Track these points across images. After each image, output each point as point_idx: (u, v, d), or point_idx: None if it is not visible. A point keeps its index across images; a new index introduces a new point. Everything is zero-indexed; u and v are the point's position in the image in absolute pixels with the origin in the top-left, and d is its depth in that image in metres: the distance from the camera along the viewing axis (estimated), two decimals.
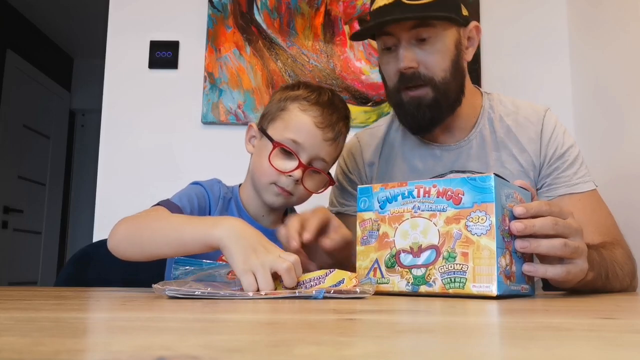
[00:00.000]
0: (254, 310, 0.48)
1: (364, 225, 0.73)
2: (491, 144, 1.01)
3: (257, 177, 0.93)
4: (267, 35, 1.78)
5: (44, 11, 3.63)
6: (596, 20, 1.64)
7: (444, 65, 0.94)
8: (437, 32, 0.92)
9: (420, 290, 0.66)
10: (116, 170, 1.74)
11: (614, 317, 0.46)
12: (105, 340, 0.30)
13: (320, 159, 0.91)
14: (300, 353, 0.25)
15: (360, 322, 0.38)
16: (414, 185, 0.69)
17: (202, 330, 0.34)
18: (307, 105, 0.91)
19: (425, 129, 0.99)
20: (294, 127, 0.90)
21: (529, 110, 1.02)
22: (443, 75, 0.94)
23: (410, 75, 0.93)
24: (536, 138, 0.99)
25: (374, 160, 1.09)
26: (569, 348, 0.28)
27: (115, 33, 1.81)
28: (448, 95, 0.95)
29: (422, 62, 0.93)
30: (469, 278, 0.63)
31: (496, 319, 0.46)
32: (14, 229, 3.48)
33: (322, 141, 0.90)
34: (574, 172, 0.97)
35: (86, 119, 4.47)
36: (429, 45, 0.92)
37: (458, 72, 0.96)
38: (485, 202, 0.63)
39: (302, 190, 0.92)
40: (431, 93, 0.94)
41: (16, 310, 0.46)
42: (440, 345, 0.29)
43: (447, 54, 0.94)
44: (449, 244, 0.65)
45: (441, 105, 0.95)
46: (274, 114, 0.93)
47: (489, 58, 1.77)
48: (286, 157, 0.90)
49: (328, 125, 0.91)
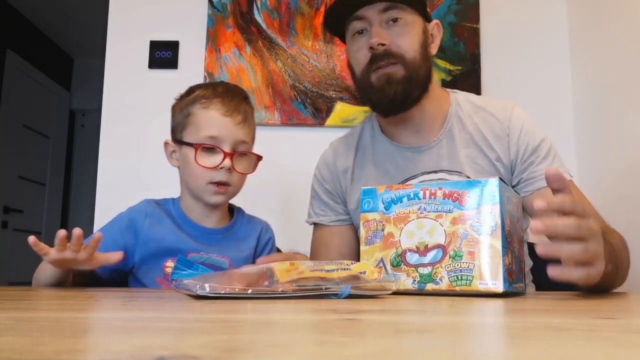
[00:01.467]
0: (254, 310, 0.48)
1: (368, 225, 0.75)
2: (460, 141, 1.01)
3: (192, 183, 0.98)
4: (267, 35, 1.78)
5: (44, 11, 3.63)
6: (596, 20, 1.64)
7: (414, 46, 0.97)
8: (407, 15, 0.97)
9: (426, 288, 0.68)
10: (116, 170, 1.74)
11: (614, 317, 0.46)
12: (105, 340, 0.30)
13: (240, 142, 0.97)
14: (301, 353, 0.25)
15: (360, 322, 0.38)
16: (420, 187, 0.72)
17: (202, 330, 0.34)
18: (206, 102, 0.96)
19: (397, 107, 0.99)
20: (204, 125, 0.95)
21: (496, 107, 1.03)
22: (413, 54, 0.97)
23: (381, 53, 0.95)
24: (503, 135, 0.99)
25: (347, 166, 1.09)
26: (569, 348, 0.28)
27: (115, 33, 1.81)
28: (418, 74, 0.97)
29: (393, 41, 0.96)
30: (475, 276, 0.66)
31: (496, 318, 0.46)
32: (14, 229, 3.48)
33: (234, 126, 0.95)
34: (548, 165, 0.98)
35: (86, 119, 4.47)
36: (399, 26, 0.97)
37: (426, 58, 1.00)
38: (491, 204, 0.67)
39: (237, 176, 0.97)
40: (402, 71, 0.96)
41: (16, 310, 0.46)
42: (440, 345, 0.29)
43: (416, 37, 0.98)
44: (456, 243, 0.67)
45: (411, 82, 0.97)
46: (182, 122, 0.98)
47: (489, 58, 1.77)
48: (211, 154, 0.95)
49: (234, 110, 0.96)
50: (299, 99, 1.74)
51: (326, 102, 1.74)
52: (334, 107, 1.73)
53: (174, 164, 1.02)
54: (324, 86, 1.75)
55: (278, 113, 1.74)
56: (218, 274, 0.67)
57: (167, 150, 1.02)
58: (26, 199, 3.62)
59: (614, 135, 1.52)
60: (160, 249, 0.95)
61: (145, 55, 1.79)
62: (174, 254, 0.94)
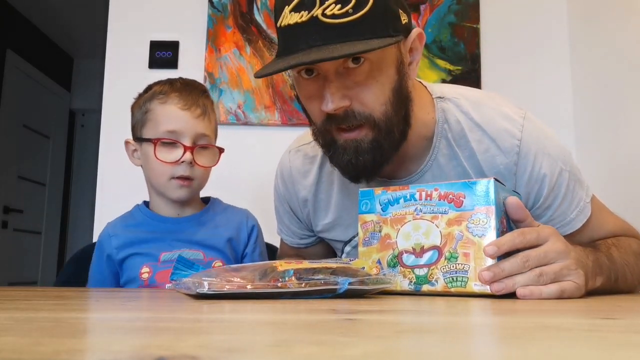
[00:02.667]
0: (254, 310, 0.48)
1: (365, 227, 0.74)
2: (449, 171, 0.83)
3: (155, 180, 0.97)
4: (267, 35, 1.78)
5: (44, 11, 3.63)
6: (596, 20, 1.64)
7: (384, 98, 0.73)
8: (372, 57, 0.71)
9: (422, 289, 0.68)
10: (116, 170, 1.74)
11: (614, 317, 0.46)
12: (105, 340, 0.30)
13: (201, 135, 0.95)
14: (300, 353, 0.25)
15: (360, 322, 0.38)
16: (416, 188, 0.71)
17: (202, 330, 0.34)
18: (164, 97, 0.96)
19: (367, 176, 0.79)
20: (163, 120, 0.94)
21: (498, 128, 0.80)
22: (383, 109, 0.74)
23: (342, 115, 0.73)
24: (509, 174, 0.80)
25: (307, 197, 0.93)
26: (569, 348, 0.28)
27: (115, 33, 1.82)
28: (391, 132, 0.75)
29: (355, 98, 0.72)
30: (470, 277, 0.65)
31: (496, 318, 0.46)
32: (14, 229, 3.48)
33: (194, 120, 0.94)
34: (567, 206, 0.82)
35: (86, 119, 4.47)
36: (361, 75, 0.72)
37: (402, 101, 0.76)
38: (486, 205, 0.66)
39: (200, 170, 0.96)
40: (370, 133, 0.74)
41: (16, 310, 0.46)
42: (440, 345, 0.29)
43: (386, 83, 0.73)
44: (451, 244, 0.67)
45: (383, 147, 0.75)
46: (142, 119, 0.97)
47: (489, 58, 1.77)
48: (171, 149, 0.94)
49: (192, 104, 0.95)
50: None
51: None
52: None
53: (137, 163, 1.01)
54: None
55: (278, 113, 1.74)
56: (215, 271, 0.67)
57: (129, 149, 1.01)
58: (26, 199, 3.62)
59: (614, 134, 1.52)
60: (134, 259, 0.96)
61: (145, 55, 1.79)
62: (146, 260, 0.95)
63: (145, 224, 1.00)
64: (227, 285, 0.58)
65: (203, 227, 1.00)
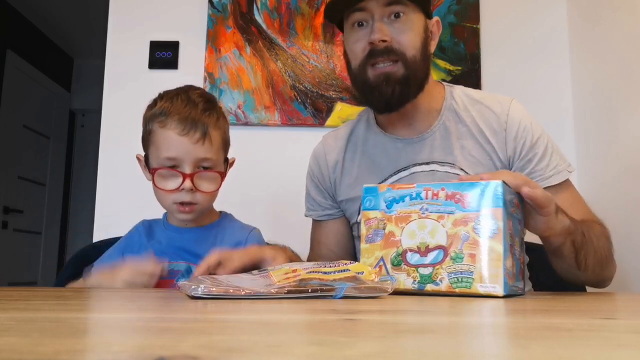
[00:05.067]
0: (254, 310, 0.48)
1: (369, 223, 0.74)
2: (455, 134, 1.01)
3: (160, 202, 0.97)
4: (267, 35, 1.78)
5: (44, 11, 3.63)
6: (596, 20, 1.64)
7: (416, 44, 0.96)
8: (409, 12, 0.95)
9: (426, 288, 0.68)
10: (116, 170, 1.74)
11: (614, 317, 0.46)
12: (105, 340, 0.30)
13: (201, 159, 0.92)
14: (300, 353, 0.25)
15: (360, 322, 0.38)
16: (422, 187, 0.71)
17: (202, 330, 0.34)
18: (164, 119, 0.92)
19: (394, 106, 0.98)
20: (162, 146, 0.92)
21: (493, 101, 1.02)
22: (414, 53, 0.95)
23: (381, 49, 0.94)
24: (500, 130, 0.99)
25: (338, 159, 1.10)
26: (569, 348, 0.28)
27: (115, 33, 1.81)
28: (417, 74, 0.96)
29: (394, 38, 0.94)
30: (475, 278, 0.65)
31: (496, 319, 0.46)
32: (14, 229, 3.48)
33: (192, 146, 0.90)
34: (546, 165, 0.97)
35: (86, 119, 4.47)
36: (401, 22, 0.95)
37: (426, 56, 0.98)
38: (494, 207, 0.66)
39: (202, 195, 0.93)
40: (402, 69, 0.95)
41: (16, 311, 0.46)
42: (440, 345, 0.29)
43: (418, 34, 0.96)
44: (457, 245, 0.67)
45: (410, 83, 0.96)
46: (146, 139, 0.97)
47: (489, 58, 1.77)
48: (171, 176, 0.92)
49: (191, 127, 0.90)
50: (299, 99, 1.74)
51: (326, 103, 1.74)
52: (334, 108, 1.73)
53: (148, 177, 0.99)
54: (324, 86, 1.75)
55: (278, 113, 1.74)
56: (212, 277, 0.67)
57: (141, 164, 1.01)
58: (26, 199, 3.62)
59: (614, 135, 1.52)
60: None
61: (146, 56, 1.79)
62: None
63: (159, 231, 1.02)
64: (221, 288, 0.58)
65: (207, 241, 0.99)
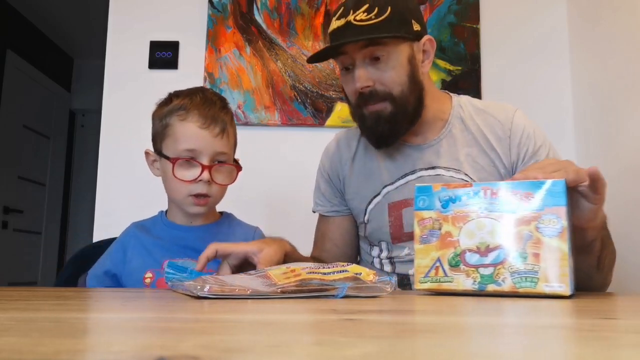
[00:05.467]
0: (254, 310, 0.48)
1: (423, 224, 0.73)
2: (461, 141, 1.05)
3: (172, 195, 0.98)
4: (267, 35, 1.78)
5: (44, 11, 3.63)
6: (596, 20, 1.64)
7: (400, 80, 0.98)
8: (389, 49, 0.96)
9: (487, 289, 0.67)
10: (116, 170, 1.74)
11: (614, 317, 0.46)
12: (105, 340, 0.30)
13: (219, 153, 0.96)
14: (300, 353, 0.25)
15: (360, 322, 0.38)
16: (480, 186, 0.70)
17: (202, 330, 0.34)
18: (184, 113, 0.95)
19: (386, 142, 1.03)
20: (182, 138, 0.94)
21: (499, 110, 1.06)
22: (400, 89, 0.98)
23: (368, 94, 0.98)
24: (504, 137, 1.02)
25: (348, 157, 1.13)
26: (569, 348, 0.28)
27: (115, 33, 1.81)
28: (406, 108, 0.99)
29: (377, 80, 0.97)
30: (540, 278, 0.64)
31: (495, 319, 0.46)
32: (14, 229, 3.48)
33: (212, 139, 0.94)
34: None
35: (86, 119, 4.47)
36: (382, 63, 0.97)
37: (415, 86, 1.00)
38: (557, 206, 0.65)
39: (217, 187, 0.96)
40: (389, 107, 0.98)
41: (16, 311, 0.46)
42: (440, 345, 0.29)
43: (401, 70, 0.98)
44: (520, 244, 0.66)
45: (399, 119, 0.99)
46: (162, 133, 0.98)
47: (489, 58, 1.77)
48: (189, 167, 0.94)
49: (211, 122, 0.94)
50: (299, 99, 1.74)
51: (326, 103, 1.74)
52: (334, 108, 1.73)
53: (156, 173, 1.01)
54: (324, 86, 1.75)
55: (278, 113, 1.74)
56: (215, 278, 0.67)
57: (149, 159, 1.02)
58: (26, 199, 3.62)
59: (614, 135, 1.52)
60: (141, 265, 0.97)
61: (146, 56, 1.79)
62: (151, 265, 0.96)
63: (158, 229, 1.02)
64: (226, 288, 0.58)
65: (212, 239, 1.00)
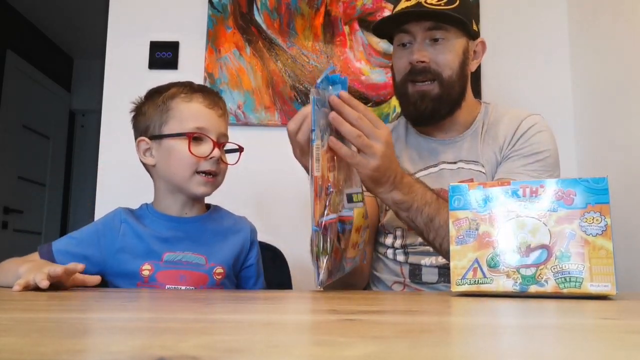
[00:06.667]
0: (254, 311, 0.48)
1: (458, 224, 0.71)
2: (482, 140, 1.11)
3: (177, 175, 0.96)
4: (267, 35, 1.78)
5: (44, 11, 3.62)
6: (596, 21, 1.64)
7: (452, 65, 1.05)
8: (450, 35, 1.04)
9: (529, 290, 0.65)
10: (116, 170, 1.74)
11: (614, 317, 0.46)
12: (105, 340, 0.30)
13: (223, 134, 0.98)
14: (300, 353, 0.25)
15: (360, 323, 0.38)
16: (519, 184, 0.69)
17: (202, 330, 0.34)
18: (187, 96, 0.97)
19: (425, 121, 1.09)
20: (190, 117, 0.95)
21: (517, 112, 1.12)
22: (450, 73, 1.05)
23: (420, 69, 1.04)
24: (510, 133, 1.07)
25: None
26: (569, 348, 0.28)
27: (115, 33, 1.81)
28: (451, 93, 1.06)
29: (432, 59, 1.04)
30: (585, 277, 0.63)
31: (494, 319, 0.46)
32: (14, 229, 3.48)
33: (217, 118, 0.98)
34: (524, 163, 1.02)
35: (86, 119, 4.47)
36: (440, 45, 1.04)
37: (462, 76, 1.08)
38: (600, 203, 0.64)
39: (223, 167, 0.99)
40: (437, 89, 1.04)
41: (16, 311, 0.46)
42: (439, 345, 0.29)
43: (455, 57, 1.05)
44: (562, 243, 0.65)
45: (443, 101, 1.06)
46: (162, 118, 0.97)
47: (489, 59, 1.76)
48: (200, 144, 0.95)
49: (214, 104, 0.98)
50: (299, 99, 1.74)
51: None
52: None
53: (149, 161, 0.99)
54: None
55: (278, 113, 1.74)
56: None
57: (140, 148, 1.00)
58: (26, 199, 3.62)
59: (614, 135, 1.52)
60: (135, 254, 0.94)
61: (146, 56, 1.79)
62: (149, 257, 0.94)
63: (149, 220, 0.99)
64: None
65: (209, 231, 1.00)
